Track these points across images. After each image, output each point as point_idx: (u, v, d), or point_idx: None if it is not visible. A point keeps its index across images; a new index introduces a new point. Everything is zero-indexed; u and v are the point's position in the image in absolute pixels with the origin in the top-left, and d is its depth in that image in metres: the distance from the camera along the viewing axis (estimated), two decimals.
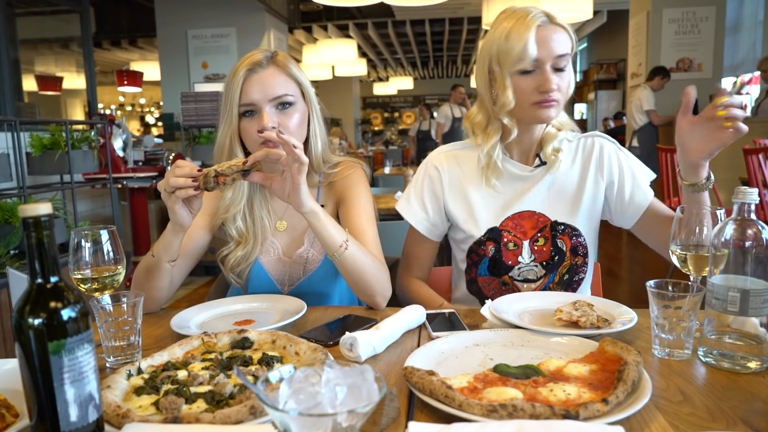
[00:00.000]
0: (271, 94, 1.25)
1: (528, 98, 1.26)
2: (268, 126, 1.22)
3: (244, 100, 1.25)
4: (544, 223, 1.35)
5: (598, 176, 1.36)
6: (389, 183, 5.40)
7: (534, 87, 1.24)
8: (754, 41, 7.31)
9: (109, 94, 13.16)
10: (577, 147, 1.40)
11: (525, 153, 1.38)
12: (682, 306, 0.90)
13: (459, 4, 8.34)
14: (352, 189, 1.38)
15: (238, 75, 1.25)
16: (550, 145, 1.34)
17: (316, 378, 0.57)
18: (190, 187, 1.07)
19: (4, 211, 2.75)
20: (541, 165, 1.36)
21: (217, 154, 1.32)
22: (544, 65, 1.23)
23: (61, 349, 0.63)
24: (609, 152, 1.37)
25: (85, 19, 5.53)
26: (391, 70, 17.24)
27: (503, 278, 1.37)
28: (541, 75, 1.23)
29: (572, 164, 1.38)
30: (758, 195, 0.90)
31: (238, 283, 1.37)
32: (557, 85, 1.24)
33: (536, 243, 1.35)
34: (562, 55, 1.24)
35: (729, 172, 4.83)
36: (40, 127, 3.82)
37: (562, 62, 1.24)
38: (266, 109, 1.25)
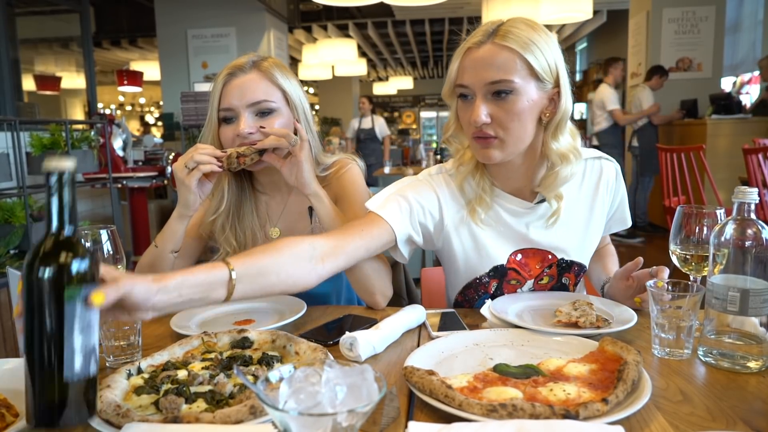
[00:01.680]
0: (250, 99, 1.23)
1: (467, 130, 1.11)
2: (244, 132, 1.21)
3: (222, 104, 1.24)
4: (551, 262, 1.22)
5: (606, 201, 1.25)
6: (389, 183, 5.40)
7: (469, 117, 1.08)
8: (754, 41, 7.31)
9: (109, 94, 13.16)
10: (584, 171, 1.23)
11: (519, 189, 1.20)
12: (682, 306, 0.90)
13: (459, 4, 8.33)
14: (348, 186, 1.36)
15: (219, 79, 1.26)
16: (551, 193, 1.15)
17: (316, 378, 0.57)
18: (214, 164, 1.13)
19: (4, 211, 2.75)
20: (543, 201, 1.19)
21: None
22: (475, 93, 1.06)
23: (76, 296, 0.64)
24: (614, 177, 1.25)
25: (85, 19, 5.53)
26: (390, 70, 17.23)
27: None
28: (473, 104, 1.07)
29: (579, 190, 1.23)
30: (758, 195, 0.90)
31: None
32: (492, 117, 1.05)
33: (540, 281, 1.25)
34: (497, 82, 1.03)
35: (729, 172, 4.84)
36: (39, 126, 3.81)
37: (499, 87, 1.04)
38: (244, 114, 1.23)
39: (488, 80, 1.04)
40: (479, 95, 1.06)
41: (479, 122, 1.05)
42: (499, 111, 1.05)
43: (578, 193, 1.23)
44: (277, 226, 1.39)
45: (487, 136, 1.07)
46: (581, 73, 13.11)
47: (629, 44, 6.87)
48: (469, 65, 1.07)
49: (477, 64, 1.06)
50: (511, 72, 1.04)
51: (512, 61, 1.04)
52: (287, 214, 1.39)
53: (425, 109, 19.25)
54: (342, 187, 1.36)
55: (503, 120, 1.06)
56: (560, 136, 1.11)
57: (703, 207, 1.04)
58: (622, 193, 1.30)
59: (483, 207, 1.19)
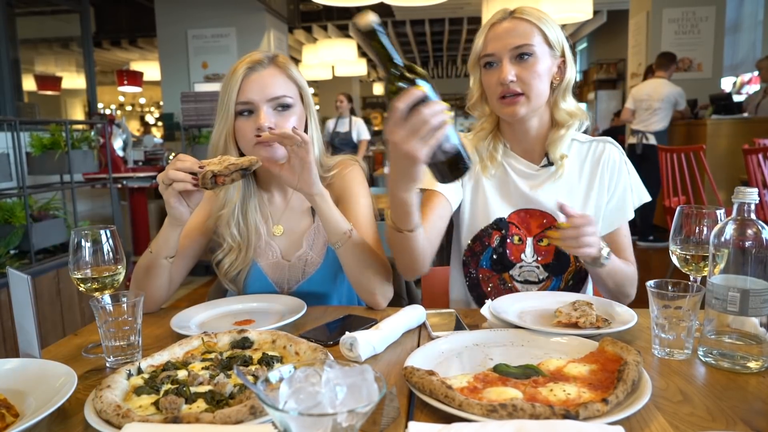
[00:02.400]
0: (270, 94, 1.24)
1: (493, 92, 1.27)
2: (265, 126, 1.21)
3: (241, 98, 1.24)
4: (550, 224, 1.33)
5: (604, 182, 1.34)
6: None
7: (495, 80, 1.25)
8: (754, 41, 7.31)
9: (109, 94, 13.15)
10: (588, 151, 1.36)
11: (529, 151, 1.36)
12: (682, 306, 0.90)
13: (459, 4, 8.33)
14: (350, 188, 1.37)
15: (237, 73, 1.24)
16: (557, 150, 1.31)
17: (316, 378, 0.57)
18: (188, 182, 1.07)
19: (4, 211, 2.75)
20: (549, 165, 1.34)
21: (211, 154, 1.30)
22: (502, 58, 1.24)
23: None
24: (617, 161, 1.35)
25: (85, 19, 5.53)
26: None
27: (503, 276, 1.36)
28: (499, 68, 1.25)
29: (581, 169, 1.35)
30: (758, 195, 0.90)
31: (232, 288, 1.38)
32: (517, 76, 1.23)
33: (540, 242, 1.34)
34: (520, 46, 1.23)
35: (729, 172, 4.84)
36: (40, 127, 3.82)
37: (523, 50, 1.23)
38: (263, 108, 1.24)
39: (513, 45, 1.23)
40: (505, 59, 1.24)
41: (507, 80, 1.22)
42: (523, 71, 1.23)
43: (581, 168, 1.35)
44: (280, 223, 1.39)
45: (514, 93, 1.24)
46: (581, 74, 13.10)
47: (629, 44, 6.87)
48: (494, 37, 1.26)
49: (502, 35, 1.25)
50: (531, 38, 1.24)
51: (531, 29, 1.24)
52: (290, 211, 1.40)
53: None
54: (344, 188, 1.36)
55: (527, 78, 1.23)
56: (568, 97, 1.32)
57: (703, 207, 1.04)
58: (625, 181, 1.34)
59: (494, 164, 1.36)
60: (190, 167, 1.07)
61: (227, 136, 1.27)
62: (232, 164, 1.07)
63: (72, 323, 2.88)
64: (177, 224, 1.15)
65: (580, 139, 1.37)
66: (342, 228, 1.18)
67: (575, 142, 1.37)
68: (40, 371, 0.86)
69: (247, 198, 1.35)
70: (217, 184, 1.07)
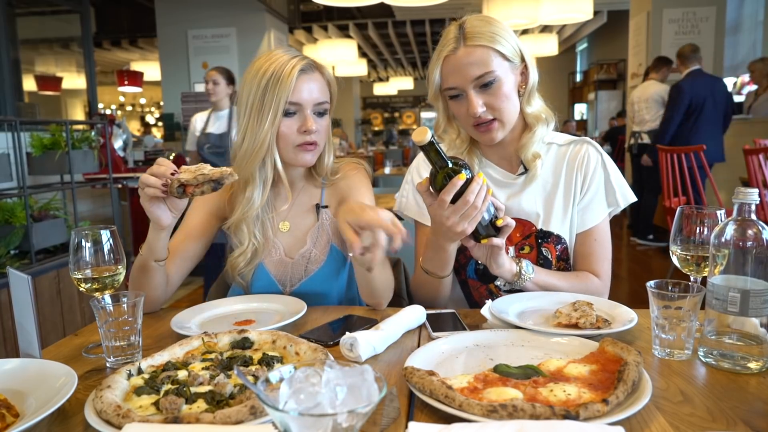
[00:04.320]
0: (317, 98, 1.27)
1: (465, 121, 1.26)
2: (313, 128, 1.25)
3: (293, 98, 1.24)
4: (530, 231, 1.32)
5: (579, 181, 1.32)
6: (389, 183, 5.40)
7: (465, 112, 1.23)
8: (754, 41, 7.31)
9: (110, 94, 13.16)
10: (566, 153, 1.34)
11: (506, 160, 1.36)
12: (682, 306, 0.90)
13: (459, 4, 8.32)
14: (355, 189, 1.39)
15: (291, 73, 1.23)
16: (528, 152, 1.30)
17: (316, 378, 0.57)
18: (158, 189, 1.05)
19: (4, 211, 2.75)
20: (526, 172, 1.33)
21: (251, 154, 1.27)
22: (466, 90, 1.21)
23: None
24: (591, 160, 1.32)
25: (86, 19, 5.53)
26: (391, 71, 17.24)
27: (489, 286, 1.36)
28: (465, 100, 1.22)
29: (559, 171, 1.34)
30: (758, 195, 0.90)
31: (241, 284, 1.38)
32: (486, 105, 1.21)
33: (522, 250, 1.33)
34: (482, 76, 1.19)
35: (729, 173, 4.83)
36: (40, 127, 3.82)
37: (486, 80, 1.19)
38: (308, 111, 1.27)
39: (474, 76, 1.20)
40: (470, 91, 1.21)
41: (477, 113, 1.21)
42: (490, 98, 1.22)
43: (558, 170, 1.34)
44: (286, 219, 1.40)
45: (487, 121, 1.23)
46: (581, 74, 13.12)
47: (630, 45, 6.87)
48: (452, 70, 1.22)
49: (459, 67, 1.21)
50: (490, 64, 1.20)
51: (487, 54, 1.20)
52: (296, 208, 1.40)
53: (426, 109, 19.27)
54: (350, 189, 1.39)
55: (496, 104, 1.22)
56: (533, 101, 1.30)
57: (703, 208, 1.04)
58: (599, 181, 1.32)
59: None
60: (163, 173, 1.05)
61: (273, 136, 1.26)
62: (202, 174, 1.03)
63: (72, 323, 2.88)
64: (158, 228, 1.12)
65: (558, 142, 1.36)
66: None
67: (553, 145, 1.35)
68: (41, 371, 0.86)
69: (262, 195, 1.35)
70: (186, 194, 1.05)
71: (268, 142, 1.26)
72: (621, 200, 1.32)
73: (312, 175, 1.42)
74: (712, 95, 4.76)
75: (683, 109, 4.79)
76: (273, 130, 1.25)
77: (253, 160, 1.27)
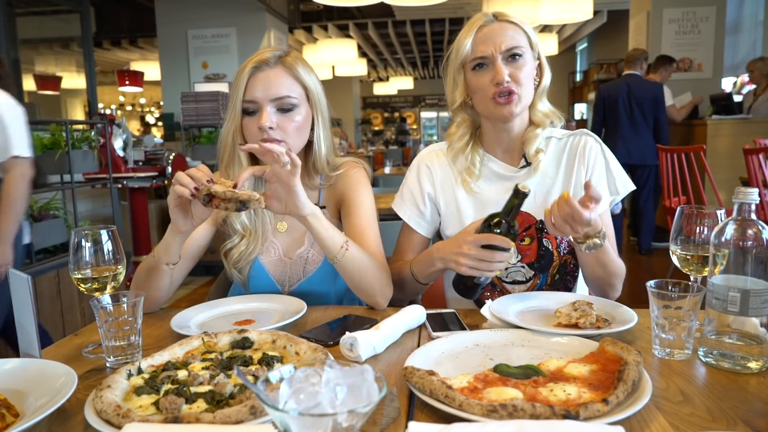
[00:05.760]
0: (273, 94, 1.24)
1: (485, 93, 1.27)
2: (266, 125, 1.22)
3: (246, 96, 1.25)
4: (530, 223, 1.34)
5: (581, 172, 1.35)
6: (389, 183, 5.40)
7: (488, 81, 1.25)
8: (754, 41, 7.31)
9: (110, 94, 13.16)
10: (565, 145, 1.37)
11: (509, 153, 1.37)
12: (682, 306, 0.90)
13: (459, 4, 8.33)
14: (353, 189, 1.38)
15: (244, 71, 1.25)
16: (533, 146, 1.33)
17: (316, 378, 0.57)
18: (188, 190, 1.05)
19: None
20: (527, 166, 1.35)
21: (220, 151, 1.33)
22: (495, 59, 1.24)
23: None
24: (592, 149, 1.35)
25: (86, 19, 5.53)
26: (391, 70, 17.23)
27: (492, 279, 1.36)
28: (492, 68, 1.25)
29: (559, 163, 1.36)
30: (758, 195, 0.90)
31: (239, 279, 1.38)
32: (510, 76, 1.24)
33: (522, 242, 1.35)
34: (513, 47, 1.25)
35: (729, 172, 4.83)
36: (40, 126, 3.81)
37: (515, 52, 1.25)
38: (267, 108, 1.24)
39: (506, 46, 1.25)
40: (498, 59, 1.25)
41: (504, 79, 1.23)
42: (515, 71, 1.25)
43: (558, 163, 1.37)
44: (284, 219, 1.40)
45: (509, 91, 1.25)
46: (581, 74, 13.10)
47: (630, 45, 6.86)
48: (484, 38, 1.27)
49: (493, 36, 1.26)
50: (520, 40, 1.27)
51: (519, 32, 1.28)
52: None
53: (425, 109, 19.25)
54: (348, 188, 1.38)
55: (519, 77, 1.25)
56: (544, 99, 1.36)
57: (703, 207, 1.04)
58: (601, 168, 1.35)
59: (473, 178, 1.37)
60: (199, 178, 1.05)
61: (235, 134, 1.29)
62: (231, 192, 1.03)
63: (72, 323, 2.88)
64: (177, 231, 1.13)
65: (556, 135, 1.38)
66: (337, 243, 1.17)
67: (553, 138, 1.38)
68: (40, 371, 0.86)
69: (258, 189, 1.35)
70: (211, 204, 1.04)
71: (230, 140, 1.29)
72: (621, 188, 1.35)
73: (309, 173, 1.39)
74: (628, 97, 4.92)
75: (600, 110, 5.11)
76: (234, 128, 1.28)
77: (224, 157, 1.32)
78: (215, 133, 5.07)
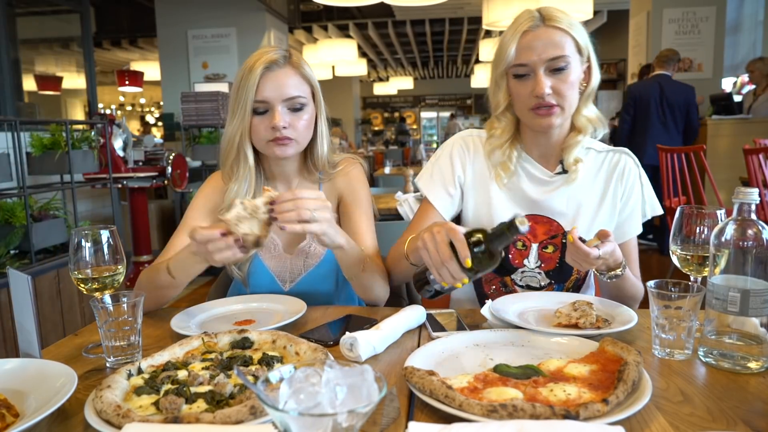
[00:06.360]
0: (285, 94, 1.26)
1: (525, 103, 1.23)
2: (280, 125, 1.25)
3: (258, 96, 1.26)
4: (557, 231, 1.32)
5: (618, 193, 1.32)
6: (389, 183, 5.41)
7: (528, 91, 1.21)
8: (754, 41, 7.30)
9: (110, 94, 13.15)
10: (603, 161, 1.34)
11: (546, 156, 1.33)
12: (682, 306, 0.90)
13: (459, 4, 8.33)
14: (353, 188, 1.40)
15: (255, 72, 1.25)
16: (572, 155, 1.29)
17: (316, 378, 0.57)
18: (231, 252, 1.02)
19: (4, 211, 2.75)
20: (563, 173, 1.32)
21: (226, 150, 1.33)
22: (536, 69, 1.20)
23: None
24: (632, 172, 1.33)
25: (86, 19, 5.53)
26: (391, 70, 17.23)
27: (505, 279, 1.36)
28: (533, 79, 1.20)
29: (595, 178, 1.33)
30: (758, 195, 0.90)
31: (239, 276, 1.39)
32: (552, 88, 1.19)
33: (545, 249, 1.32)
34: (556, 58, 1.19)
35: (729, 172, 4.83)
36: (40, 127, 3.81)
37: (559, 63, 1.19)
38: (278, 108, 1.26)
39: (549, 57, 1.19)
40: (540, 71, 1.20)
41: (545, 93, 1.19)
42: (558, 82, 1.20)
43: (594, 177, 1.34)
44: None
45: (549, 105, 1.20)
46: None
47: (630, 44, 6.87)
48: (527, 46, 1.20)
49: (535, 45, 1.20)
50: (565, 48, 1.20)
51: (564, 39, 1.20)
52: None
53: (425, 109, 19.24)
54: (348, 189, 1.41)
55: (562, 89, 1.20)
56: (590, 103, 1.30)
57: (703, 207, 1.04)
58: (638, 193, 1.33)
59: (507, 173, 1.32)
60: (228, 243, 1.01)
61: (243, 134, 1.29)
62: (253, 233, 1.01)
63: (72, 323, 2.88)
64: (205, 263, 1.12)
65: (596, 148, 1.35)
66: (359, 264, 1.20)
67: (592, 150, 1.35)
68: (40, 371, 0.86)
69: (256, 189, 1.37)
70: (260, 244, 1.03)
71: (238, 139, 1.30)
72: (649, 211, 1.34)
73: (309, 169, 1.41)
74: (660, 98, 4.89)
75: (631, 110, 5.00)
76: (243, 127, 1.28)
77: (229, 156, 1.32)
78: (215, 133, 5.07)
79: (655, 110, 4.89)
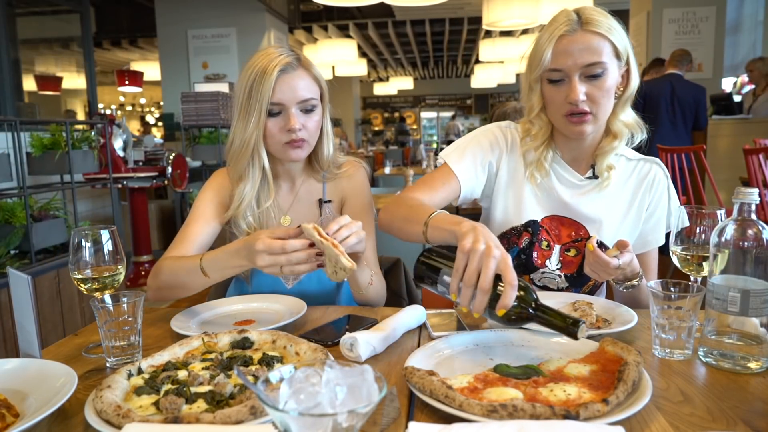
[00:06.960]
0: (300, 96, 1.27)
1: (558, 109, 1.21)
2: (296, 127, 1.26)
3: (274, 99, 1.26)
4: (581, 236, 1.31)
5: (645, 202, 1.31)
6: (389, 183, 5.41)
7: (563, 97, 1.19)
8: (754, 41, 7.31)
9: (110, 94, 13.15)
10: (634, 169, 1.33)
11: (577, 160, 1.32)
12: (682, 306, 0.90)
13: (459, 4, 8.33)
14: (357, 193, 1.42)
15: (270, 74, 1.24)
16: (605, 161, 1.27)
17: (316, 378, 0.57)
18: (308, 264, 1.05)
19: (5, 211, 2.75)
20: (593, 177, 1.30)
21: (239, 152, 1.31)
22: (571, 75, 1.17)
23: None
24: (661, 182, 1.32)
25: (86, 19, 5.53)
26: (391, 70, 17.23)
27: (523, 277, 1.34)
28: (568, 85, 1.18)
29: (624, 186, 1.32)
30: (758, 195, 0.90)
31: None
32: (587, 95, 1.17)
33: (567, 252, 1.32)
34: (593, 64, 1.15)
35: (729, 172, 4.83)
36: (40, 127, 3.81)
37: (595, 70, 1.16)
38: (292, 110, 1.27)
39: (585, 63, 1.16)
40: (574, 77, 1.17)
41: (579, 100, 1.16)
42: (593, 89, 1.17)
43: (624, 185, 1.32)
44: (288, 214, 1.41)
45: (583, 112, 1.18)
46: None
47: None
48: (563, 51, 1.17)
49: (572, 50, 1.16)
50: (602, 54, 1.16)
51: (602, 44, 1.16)
52: (297, 203, 1.42)
53: (426, 109, 19.24)
54: (351, 191, 1.42)
55: (597, 97, 1.18)
56: (627, 108, 1.27)
57: (703, 207, 1.04)
58: (665, 205, 1.31)
59: (541, 172, 1.31)
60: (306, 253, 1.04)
61: (258, 136, 1.28)
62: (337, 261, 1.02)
63: (72, 323, 2.88)
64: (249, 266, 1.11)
65: (628, 156, 1.34)
66: (366, 281, 1.22)
67: (623, 158, 1.33)
68: (41, 371, 0.86)
69: (261, 189, 1.37)
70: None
71: (253, 142, 1.29)
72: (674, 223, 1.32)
73: (313, 168, 1.43)
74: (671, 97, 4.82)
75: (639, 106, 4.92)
76: (258, 130, 1.28)
77: (242, 158, 1.31)
78: (215, 133, 5.07)
79: (665, 109, 4.85)
